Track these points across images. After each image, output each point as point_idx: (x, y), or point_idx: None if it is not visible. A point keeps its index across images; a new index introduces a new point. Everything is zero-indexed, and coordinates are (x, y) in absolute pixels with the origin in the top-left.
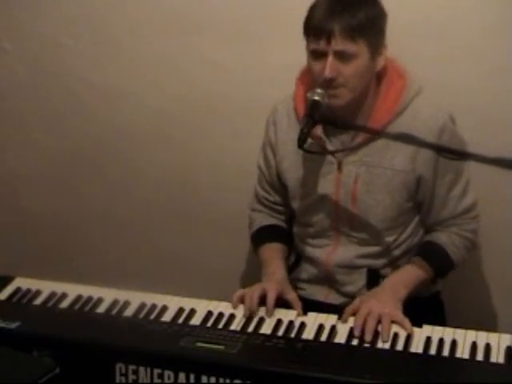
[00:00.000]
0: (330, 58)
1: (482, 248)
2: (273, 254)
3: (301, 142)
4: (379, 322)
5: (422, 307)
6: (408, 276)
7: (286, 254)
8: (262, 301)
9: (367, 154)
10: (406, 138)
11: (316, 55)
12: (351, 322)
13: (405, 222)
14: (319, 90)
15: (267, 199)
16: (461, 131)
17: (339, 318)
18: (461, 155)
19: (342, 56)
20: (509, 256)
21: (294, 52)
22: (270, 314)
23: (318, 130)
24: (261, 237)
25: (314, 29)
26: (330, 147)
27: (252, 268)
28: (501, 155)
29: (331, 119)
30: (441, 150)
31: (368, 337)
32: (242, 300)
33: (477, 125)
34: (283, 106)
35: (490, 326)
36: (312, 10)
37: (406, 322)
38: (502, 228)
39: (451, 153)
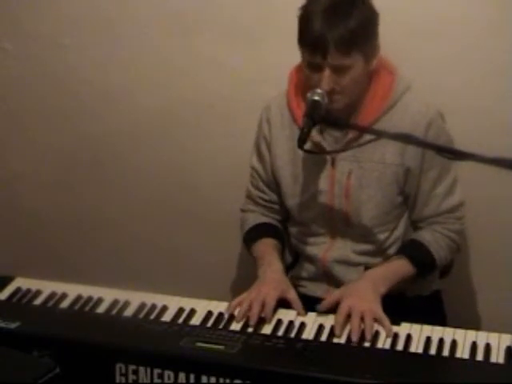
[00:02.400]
0: (327, 72)
1: (482, 247)
2: (267, 247)
3: (301, 142)
4: (362, 319)
5: (422, 306)
6: (389, 272)
7: (281, 251)
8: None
9: (359, 150)
10: (406, 138)
11: (312, 67)
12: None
13: (396, 217)
14: (319, 90)
15: (262, 198)
16: (458, 131)
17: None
18: (460, 155)
19: (337, 69)
20: (509, 255)
21: (294, 52)
22: (268, 321)
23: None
24: (254, 234)
25: (308, 43)
26: (324, 145)
27: (253, 267)
28: (501, 155)
29: (331, 119)
30: (440, 150)
31: (355, 336)
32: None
33: (475, 125)
34: (276, 104)
35: (490, 326)
36: (305, 21)
37: (386, 320)
38: (503, 228)
39: (451, 153)
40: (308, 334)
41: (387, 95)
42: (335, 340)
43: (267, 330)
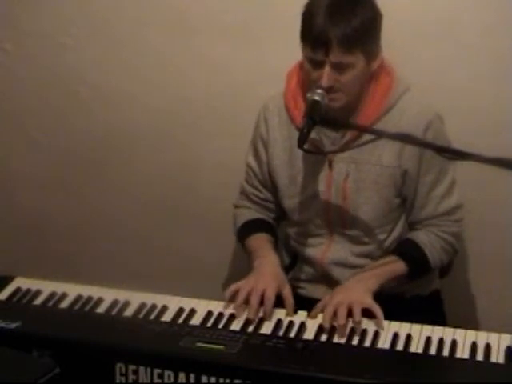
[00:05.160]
0: (327, 69)
1: (482, 247)
2: (262, 241)
3: (301, 142)
4: (350, 310)
5: (422, 306)
6: (380, 269)
7: (275, 245)
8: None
9: (357, 152)
10: (406, 138)
11: (313, 63)
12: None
13: (394, 219)
14: (319, 91)
15: (257, 196)
16: (457, 131)
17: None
18: (460, 155)
19: (338, 66)
20: (509, 256)
21: (294, 52)
22: (269, 316)
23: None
24: (248, 229)
25: (311, 39)
26: (322, 146)
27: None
28: (500, 155)
29: (331, 119)
30: (440, 150)
31: (341, 321)
32: (235, 295)
33: (475, 125)
34: (274, 104)
35: (490, 326)
36: (309, 17)
37: (377, 307)
38: (503, 227)
39: (451, 152)
40: (308, 334)
41: (386, 96)
42: (335, 340)
43: (267, 329)
